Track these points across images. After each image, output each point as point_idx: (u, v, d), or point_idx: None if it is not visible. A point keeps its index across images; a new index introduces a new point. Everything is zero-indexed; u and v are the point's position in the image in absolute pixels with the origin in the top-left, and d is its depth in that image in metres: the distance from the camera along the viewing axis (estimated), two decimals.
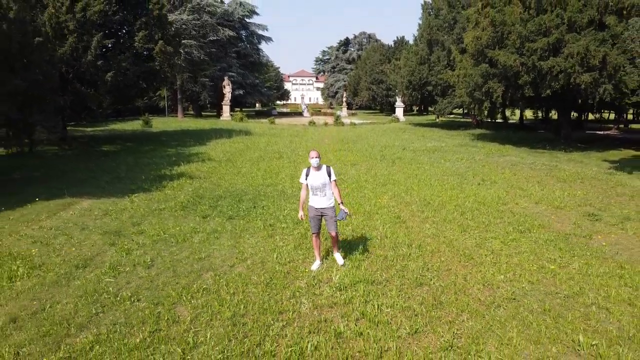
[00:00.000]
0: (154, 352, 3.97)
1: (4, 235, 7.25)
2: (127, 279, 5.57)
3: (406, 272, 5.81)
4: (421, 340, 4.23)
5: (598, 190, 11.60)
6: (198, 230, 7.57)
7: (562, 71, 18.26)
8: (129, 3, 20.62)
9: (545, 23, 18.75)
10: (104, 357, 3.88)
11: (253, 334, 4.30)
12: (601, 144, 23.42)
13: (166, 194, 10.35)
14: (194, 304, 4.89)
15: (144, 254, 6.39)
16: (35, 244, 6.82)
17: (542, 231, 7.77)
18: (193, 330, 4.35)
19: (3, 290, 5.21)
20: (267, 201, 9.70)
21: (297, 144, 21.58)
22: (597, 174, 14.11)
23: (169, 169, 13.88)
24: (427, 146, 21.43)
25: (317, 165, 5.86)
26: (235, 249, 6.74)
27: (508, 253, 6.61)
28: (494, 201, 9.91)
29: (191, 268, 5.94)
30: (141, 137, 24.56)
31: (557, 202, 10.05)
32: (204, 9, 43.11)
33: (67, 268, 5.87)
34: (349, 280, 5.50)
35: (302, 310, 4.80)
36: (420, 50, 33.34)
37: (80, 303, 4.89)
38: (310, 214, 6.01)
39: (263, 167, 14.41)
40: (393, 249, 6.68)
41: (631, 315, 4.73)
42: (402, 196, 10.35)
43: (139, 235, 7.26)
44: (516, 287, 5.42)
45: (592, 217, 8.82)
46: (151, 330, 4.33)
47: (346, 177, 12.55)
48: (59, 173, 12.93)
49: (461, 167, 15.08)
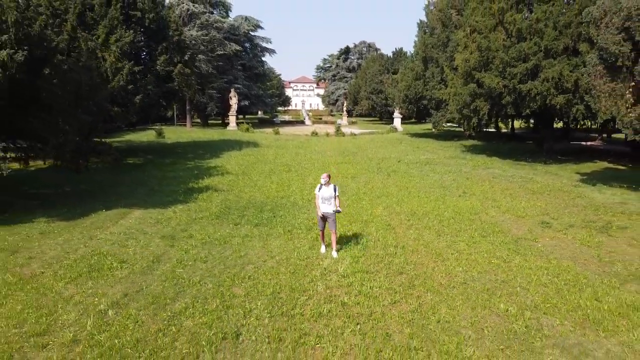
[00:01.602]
0: (225, 313, 6.19)
1: (87, 239, 9.48)
2: (192, 270, 7.79)
3: (391, 265, 8.04)
4: (397, 307, 6.46)
5: (559, 201, 13.84)
6: (234, 235, 9.81)
7: (539, 93, 20.55)
8: (151, 31, 22.94)
9: (525, 50, 21.06)
10: (195, 315, 6.10)
11: (287, 303, 6.52)
12: (580, 155, 25.59)
13: (199, 205, 12.59)
14: (244, 285, 7.12)
15: (199, 252, 8.62)
16: (114, 245, 9.05)
17: (500, 236, 10.00)
18: (247, 302, 6.57)
19: (108, 277, 7.43)
20: (283, 211, 11.93)
21: (303, 157, 23.82)
22: (564, 186, 16.34)
23: (195, 182, 16.13)
24: (420, 159, 23.68)
25: (325, 183, 8.32)
26: (264, 249, 8.97)
27: (469, 252, 8.84)
28: (468, 211, 12.15)
29: (235, 262, 8.17)
30: (158, 149, 26.79)
31: (520, 212, 12.29)
32: (212, 25, 45.52)
33: (146, 263, 8.10)
34: (350, 270, 7.73)
35: (318, 289, 7.03)
36: (415, 66, 35.68)
37: (165, 285, 7.12)
38: (318, 215, 8.52)
39: (275, 180, 16.65)
40: (383, 249, 8.91)
41: (542, 293, 6.96)
42: (393, 207, 12.59)
43: (190, 239, 9.50)
44: (468, 275, 7.65)
45: (544, 225, 11.05)
46: (220, 301, 6.55)
47: (347, 190, 14.78)
48: (102, 186, 15.17)
49: (447, 180, 17.31)
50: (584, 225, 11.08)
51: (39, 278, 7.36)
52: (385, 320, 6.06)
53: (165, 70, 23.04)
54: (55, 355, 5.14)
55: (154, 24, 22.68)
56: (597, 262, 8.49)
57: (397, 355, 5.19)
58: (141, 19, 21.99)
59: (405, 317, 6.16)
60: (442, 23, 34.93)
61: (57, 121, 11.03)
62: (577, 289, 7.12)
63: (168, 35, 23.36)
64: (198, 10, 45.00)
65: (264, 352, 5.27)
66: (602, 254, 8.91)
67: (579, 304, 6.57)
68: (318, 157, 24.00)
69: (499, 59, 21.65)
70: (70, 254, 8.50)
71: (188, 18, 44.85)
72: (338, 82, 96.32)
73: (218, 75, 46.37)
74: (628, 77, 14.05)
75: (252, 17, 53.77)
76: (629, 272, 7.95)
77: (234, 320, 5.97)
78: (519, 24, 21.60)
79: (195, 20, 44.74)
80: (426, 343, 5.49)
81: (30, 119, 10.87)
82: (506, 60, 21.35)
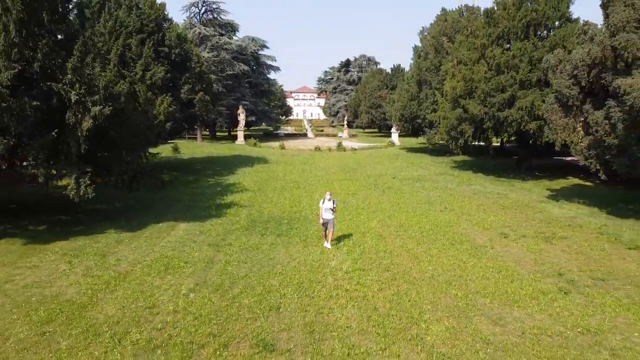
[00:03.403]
0: (268, 295, 9.25)
1: (153, 246, 12.56)
2: (238, 268, 10.86)
3: (380, 265, 11.11)
4: (382, 292, 9.51)
5: (522, 215, 16.92)
6: (262, 243, 12.89)
7: (514, 120, 23.74)
8: (176, 63, 26.17)
9: (503, 82, 24.27)
10: (248, 296, 9.16)
11: (308, 289, 9.58)
12: (557, 172, 28.63)
13: (230, 219, 15.68)
14: (277, 278, 10.19)
15: (239, 256, 11.70)
16: (175, 251, 12.13)
17: (465, 244, 13.08)
18: (281, 288, 9.63)
19: (180, 273, 10.49)
20: (298, 224, 15.02)
21: (309, 173, 26.96)
22: (531, 202, 19.42)
23: (220, 198, 19.24)
24: (412, 175, 26.82)
25: (329, 199, 11.75)
26: (287, 253, 12.04)
27: (439, 256, 11.91)
28: (445, 224, 15.23)
29: (267, 263, 11.24)
30: (179, 166, 29.93)
31: (487, 224, 15.37)
32: (222, 46, 48.97)
33: (203, 263, 11.17)
34: (351, 268, 10.79)
35: (328, 281, 10.09)
36: (411, 88, 38.94)
37: (222, 278, 10.18)
38: (321, 221, 12.11)
39: (288, 197, 19.76)
40: (375, 254, 11.98)
41: (484, 284, 10.02)
42: (385, 220, 15.68)
43: (230, 246, 12.58)
44: (435, 272, 10.71)
45: (502, 235, 14.13)
46: (262, 288, 9.61)
47: (349, 206, 17.88)
48: (145, 202, 18.24)
49: (433, 196, 20.42)
50: (535, 235, 14.16)
51: (131, 274, 10.43)
52: (374, 300, 9.13)
53: (188, 98, 26.25)
54: (165, 319, 8.19)
55: (178, 58, 25.94)
56: (532, 263, 11.55)
57: (380, 319, 8.24)
58: (168, 54, 25.26)
59: (387, 298, 9.22)
60: (434, 49, 38.28)
61: (121, 154, 14.18)
62: (509, 281, 10.19)
63: (190, 67, 26.61)
64: (209, 34, 48.47)
65: (297, 318, 8.32)
66: (539, 257, 11.98)
67: (507, 290, 9.64)
68: (322, 173, 27.14)
69: (481, 89, 24.86)
70: (146, 257, 11.58)
71: (200, 41, 48.26)
72: (339, 94, 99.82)
73: (227, 93, 49.69)
74: (578, 114, 17.19)
75: (258, 37, 57.35)
76: (553, 270, 11.01)
77: (275, 299, 9.04)
78: (498, 58, 24.82)
79: (207, 43, 48.18)
80: (399, 312, 8.54)
81: (100, 152, 14.02)
82: (487, 90, 24.55)
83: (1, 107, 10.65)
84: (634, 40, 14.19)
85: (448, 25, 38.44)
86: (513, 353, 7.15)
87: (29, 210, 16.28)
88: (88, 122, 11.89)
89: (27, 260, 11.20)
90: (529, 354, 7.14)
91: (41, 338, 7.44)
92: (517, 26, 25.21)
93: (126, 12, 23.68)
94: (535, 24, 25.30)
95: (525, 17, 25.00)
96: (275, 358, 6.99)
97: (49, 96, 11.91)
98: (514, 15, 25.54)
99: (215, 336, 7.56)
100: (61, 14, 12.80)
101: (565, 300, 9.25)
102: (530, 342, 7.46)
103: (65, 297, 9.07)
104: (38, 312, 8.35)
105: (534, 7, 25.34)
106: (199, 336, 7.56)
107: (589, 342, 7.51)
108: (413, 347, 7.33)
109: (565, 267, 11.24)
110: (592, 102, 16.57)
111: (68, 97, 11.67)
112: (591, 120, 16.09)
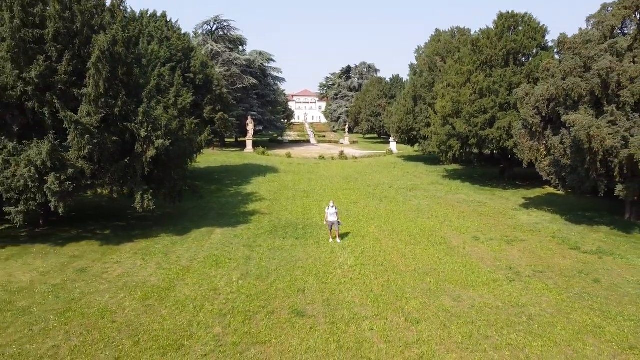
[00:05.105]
0: (295, 283, 12.90)
1: (199, 247, 16.20)
2: (269, 263, 14.51)
3: (376, 261, 14.76)
4: (377, 281, 13.15)
5: (494, 222, 20.56)
6: (284, 244, 16.54)
7: (495, 138, 27.42)
8: (199, 87, 29.87)
9: (485, 105, 27.94)
10: (281, 283, 12.80)
11: (323, 278, 13.23)
12: (535, 181, 32.20)
13: (255, 225, 19.33)
14: (299, 271, 13.83)
15: (269, 255, 15.35)
16: (218, 250, 15.77)
17: (443, 245, 16.72)
18: (304, 278, 13.27)
19: (227, 267, 14.13)
20: (310, 229, 18.67)
21: (315, 183, 30.63)
22: (505, 210, 23.07)
23: (244, 207, 22.90)
24: (407, 184, 30.49)
25: (332, 206, 15.35)
26: (305, 252, 15.68)
27: (421, 254, 15.55)
28: (429, 230, 18.88)
29: (291, 259, 14.88)
30: (198, 175, 33.46)
31: (463, 230, 19.01)
32: (232, 62, 52.67)
33: (243, 260, 14.82)
34: (354, 264, 14.44)
35: (337, 272, 13.74)
36: (407, 103, 42.63)
37: (259, 270, 13.82)
38: (327, 223, 15.90)
39: (299, 205, 23.41)
40: (372, 252, 15.63)
41: (452, 274, 13.66)
42: (381, 226, 19.34)
43: (260, 247, 16.22)
44: (417, 266, 14.36)
45: (474, 238, 17.76)
46: (290, 277, 13.26)
47: (351, 214, 21.53)
48: (181, 211, 21.87)
49: (423, 205, 24.07)
50: (500, 238, 17.80)
51: (191, 268, 14.09)
52: (371, 285, 12.77)
53: (210, 117, 29.95)
54: (227, 297, 11.83)
55: (201, 82, 29.66)
56: (492, 260, 15.19)
57: (375, 297, 11.88)
58: (193, 79, 28.96)
59: (380, 284, 12.87)
60: (428, 67, 41.99)
61: (170, 173, 17.85)
62: (471, 272, 13.84)
63: (212, 90, 30.31)
64: (220, 50, 52.19)
65: (317, 297, 11.96)
66: (498, 256, 15.63)
67: (468, 279, 13.29)
68: (327, 183, 30.82)
69: (466, 111, 28.54)
70: (197, 255, 15.23)
71: (212, 56, 51.98)
72: (340, 100, 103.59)
73: (237, 105, 53.39)
74: (541, 138, 20.85)
75: (265, 51, 61.05)
76: (506, 265, 14.63)
77: (301, 285, 12.70)
78: (481, 83, 28.50)
79: (218, 59, 51.89)
80: (388, 293, 12.18)
81: (155, 172, 17.69)
82: (471, 111, 28.23)
83: (92, 142, 14.32)
84: (578, 83, 17.86)
85: (441, 45, 42.21)
86: (462, 317, 10.81)
87: (89, 217, 19.94)
88: (152, 151, 15.57)
89: (110, 257, 14.86)
90: (473, 317, 10.80)
91: (147, 308, 11.10)
92: (499, 54, 28.92)
93: (158, 44, 27.37)
94: (514, 52, 29.00)
95: (505, 47, 28.69)
96: (305, 320, 10.63)
97: (123, 132, 15.57)
98: (496, 44, 29.24)
99: (263, 307, 11.23)
100: (130, 68, 16.45)
101: (508, 286, 12.90)
102: (475, 311, 11.13)
103: (151, 283, 12.73)
104: (137, 293, 12.01)
105: (513, 37, 29.07)
106: (253, 307, 11.23)
107: (515, 312, 11.17)
108: (397, 314, 10.99)
109: (516, 263, 14.89)
110: (551, 128, 20.26)
111: (138, 133, 15.33)
112: (550, 144, 19.75)
